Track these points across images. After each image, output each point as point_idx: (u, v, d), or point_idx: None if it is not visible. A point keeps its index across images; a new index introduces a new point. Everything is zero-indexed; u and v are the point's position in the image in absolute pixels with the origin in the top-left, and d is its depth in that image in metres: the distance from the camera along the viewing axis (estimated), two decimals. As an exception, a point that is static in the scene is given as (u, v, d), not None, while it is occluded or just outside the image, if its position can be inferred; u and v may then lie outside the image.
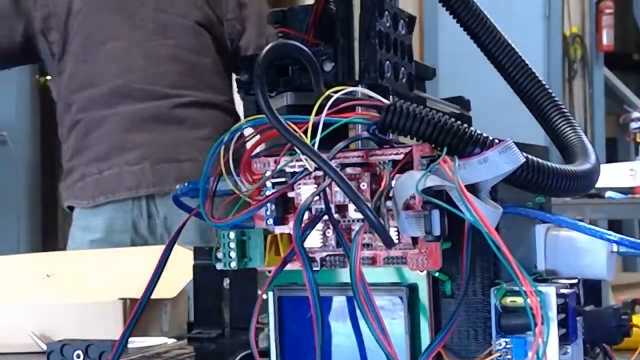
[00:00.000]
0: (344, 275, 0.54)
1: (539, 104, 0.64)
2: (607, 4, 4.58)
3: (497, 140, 0.51)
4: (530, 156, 0.53)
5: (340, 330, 0.56)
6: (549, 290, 0.53)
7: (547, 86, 0.65)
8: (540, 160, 0.53)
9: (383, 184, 0.54)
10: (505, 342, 0.53)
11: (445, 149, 0.51)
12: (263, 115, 0.54)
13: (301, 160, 0.56)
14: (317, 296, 0.53)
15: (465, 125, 0.51)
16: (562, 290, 0.55)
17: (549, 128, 0.64)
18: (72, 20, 1.57)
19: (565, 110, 0.65)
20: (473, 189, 0.52)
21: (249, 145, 0.59)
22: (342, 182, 0.51)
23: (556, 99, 0.65)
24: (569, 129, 0.63)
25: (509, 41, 0.64)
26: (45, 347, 0.94)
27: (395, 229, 0.54)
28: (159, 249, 0.61)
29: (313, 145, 0.53)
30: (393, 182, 0.53)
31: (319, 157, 0.52)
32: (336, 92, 0.55)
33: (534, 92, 0.64)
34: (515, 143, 0.51)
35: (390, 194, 0.53)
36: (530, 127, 0.67)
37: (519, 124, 0.57)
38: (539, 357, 0.50)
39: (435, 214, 0.51)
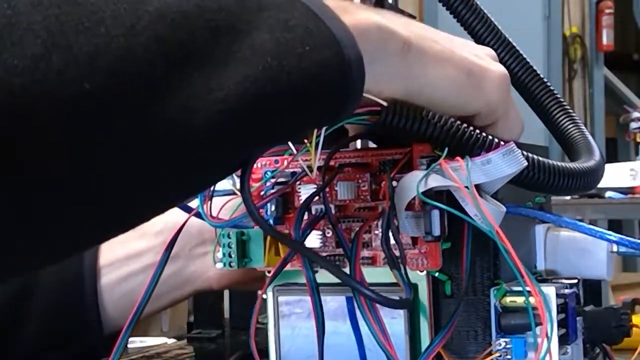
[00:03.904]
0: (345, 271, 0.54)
1: (541, 102, 0.64)
2: (607, 4, 4.59)
3: (496, 141, 0.51)
4: (534, 155, 0.53)
5: (340, 330, 0.56)
6: (549, 290, 0.52)
7: (549, 84, 0.65)
8: (543, 159, 0.53)
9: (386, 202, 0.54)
10: (505, 342, 0.53)
11: (446, 150, 0.51)
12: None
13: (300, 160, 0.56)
14: (318, 296, 0.53)
15: (466, 125, 0.51)
16: (562, 290, 0.55)
17: (552, 126, 0.64)
18: None
19: (569, 108, 0.65)
20: (477, 190, 0.51)
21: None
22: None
23: (559, 96, 0.65)
24: (572, 126, 0.63)
25: (510, 39, 0.64)
26: (45, 347, 0.94)
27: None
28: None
29: (317, 143, 0.53)
30: (394, 183, 0.53)
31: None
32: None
33: (536, 89, 0.64)
34: (516, 143, 0.51)
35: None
36: (530, 126, 0.67)
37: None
38: (543, 357, 0.50)
39: (435, 214, 0.51)
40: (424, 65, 0.49)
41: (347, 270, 0.52)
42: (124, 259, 0.75)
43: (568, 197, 2.43)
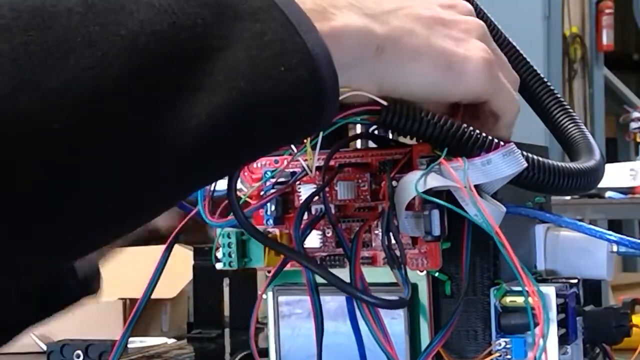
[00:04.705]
0: (344, 275, 0.54)
1: (541, 101, 0.64)
2: (607, 4, 4.58)
3: (496, 141, 0.51)
4: (533, 155, 0.52)
5: (340, 330, 0.56)
6: (549, 291, 0.52)
7: (549, 83, 0.65)
8: (543, 159, 0.53)
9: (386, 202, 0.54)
10: (505, 342, 0.53)
11: (445, 150, 0.51)
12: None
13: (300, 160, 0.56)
14: (317, 296, 0.53)
15: (466, 125, 0.51)
16: (562, 290, 0.55)
17: (552, 125, 0.64)
18: None
19: (569, 107, 0.64)
20: (476, 190, 0.51)
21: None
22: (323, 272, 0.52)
23: (559, 96, 0.65)
24: (572, 126, 0.63)
25: (510, 39, 0.64)
26: (45, 347, 0.95)
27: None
28: (159, 249, 0.61)
29: (315, 145, 0.53)
30: (394, 183, 0.53)
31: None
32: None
33: (536, 89, 0.64)
34: (516, 143, 0.51)
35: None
36: (530, 126, 0.67)
37: (520, 122, 0.56)
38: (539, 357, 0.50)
39: (435, 214, 0.51)
40: (398, 64, 0.48)
41: (347, 270, 0.52)
42: None
43: (568, 197, 2.43)
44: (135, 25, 0.38)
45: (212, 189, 0.58)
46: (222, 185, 0.58)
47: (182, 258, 0.92)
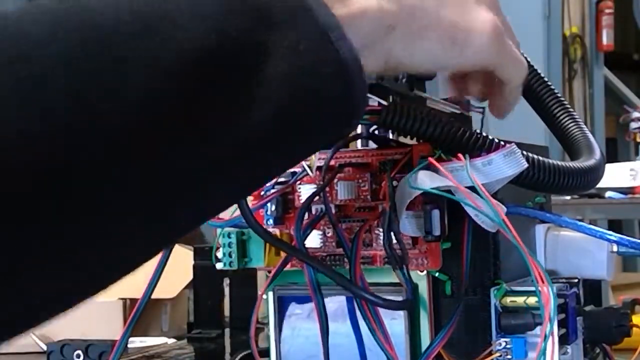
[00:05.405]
0: (344, 275, 0.54)
1: (542, 100, 0.64)
2: (607, 4, 4.58)
3: (497, 141, 0.51)
4: (533, 155, 0.52)
5: (340, 330, 0.56)
6: (549, 290, 0.52)
7: (549, 83, 0.65)
8: (543, 159, 0.53)
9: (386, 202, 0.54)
10: (505, 342, 0.53)
11: (440, 150, 0.51)
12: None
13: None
14: (321, 296, 0.53)
15: (467, 126, 0.51)
16: (562, 290, 0.55)
17: (553, 124, 0.64)
18: None
19: (569, 106, 0.64)
20: (476, 190, 0.51)
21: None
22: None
23: (560, 95, 0.65)
24: (573, 125, 0.63)
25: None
26: (45, 347, 0.95)
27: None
28: (159, 249, 0.61)
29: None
30: (394, 183, 0.53)
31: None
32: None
33: (537, 88, 0.64)
34: (516, 143, 0.51)
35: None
36: (530, 126, 0.67)
37: (520, 122, 0.56)
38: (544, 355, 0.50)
39: (435, 214, 0.51)
40: (406, 42, 0.48)
41: (347, 270, 0.52)
42: None
43: (568, 197, 2.43)
44: (184, 40, 0.37)
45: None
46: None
47: (182, 258, 0.92)
